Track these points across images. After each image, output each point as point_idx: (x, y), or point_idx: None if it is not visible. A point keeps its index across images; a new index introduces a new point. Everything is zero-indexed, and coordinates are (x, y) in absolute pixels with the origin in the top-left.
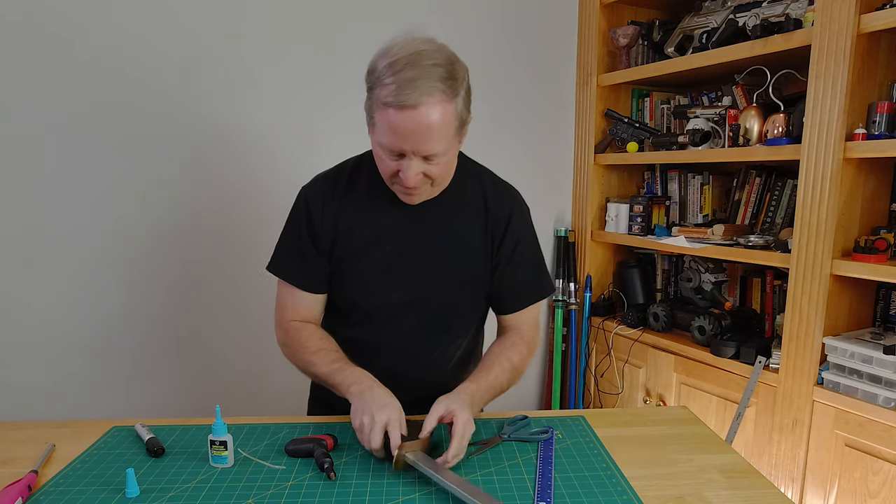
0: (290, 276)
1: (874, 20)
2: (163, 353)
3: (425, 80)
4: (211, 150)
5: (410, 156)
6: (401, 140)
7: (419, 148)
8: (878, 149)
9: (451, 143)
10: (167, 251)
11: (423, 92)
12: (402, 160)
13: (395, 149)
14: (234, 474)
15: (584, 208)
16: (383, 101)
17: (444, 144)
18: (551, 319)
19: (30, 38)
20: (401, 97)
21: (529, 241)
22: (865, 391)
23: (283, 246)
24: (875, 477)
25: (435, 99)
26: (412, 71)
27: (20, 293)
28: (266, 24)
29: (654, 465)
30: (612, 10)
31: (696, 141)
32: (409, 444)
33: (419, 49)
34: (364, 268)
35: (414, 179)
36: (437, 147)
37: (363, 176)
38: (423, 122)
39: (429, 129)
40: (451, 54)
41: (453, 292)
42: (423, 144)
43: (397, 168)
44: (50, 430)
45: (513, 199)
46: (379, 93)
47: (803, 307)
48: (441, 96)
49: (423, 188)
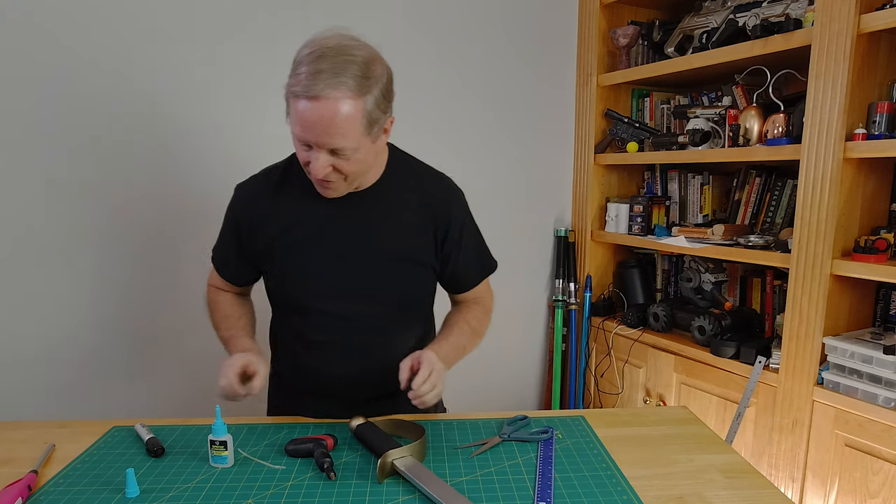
0: (219, 267)
1: (874, 20)
2: (163, 353)
3: (334, 74)
4: (210, 147)
5: (316, 148)
6: (305, 131)
7: (322, 140)
8: (878, 149)
9: (359, 140)
10: (167, 250)
11: (329, 85)
12: (310, 152)
13: (302, 139)
14: (234, 474)
15: (584, 208)
16: (292, 89)
17: (351, 141)
18: (551, 319)
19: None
20: (307, 88)
21: (471, 224)
22: (865, 391)
23: (219, 236)
24: (875, 477)
25: (340, 93)
26: (324, 63)
27: (20, 293)
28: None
29: (654, 465)
30: (612, 10)
31: (696, 141)
32: (395, 451)
33: (338, 44)
34: (303, 265)
35: (321, 171)
36: (342, 142)
37: (294, 174)
38: (326, 114)
39: (331, 123)
40: (372, 53)
41: (396, 283)
42: (326, 137)
43: (308, 159)
44: (50, 430)
45: (448, 187)
46: (290, 81)
47: (803, 307)
48: (347, 92)
49: (337, 182)
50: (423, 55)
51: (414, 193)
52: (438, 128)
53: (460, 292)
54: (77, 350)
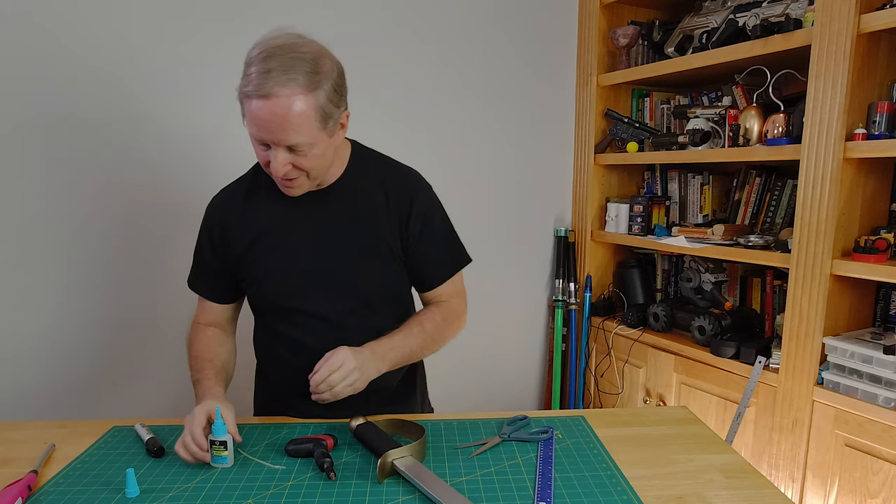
0: (198, 289)
1: (874, 20)
2: (163, 353)
3: (282, 71)
4: (201, 144)
5: (274, 146)
6: (261, 130)
7: (278, 138)
8: (878, 149)
9: (315, 135)
10: (167, 250)
11: (278, 83)
12: (269, 151)
13: (259, 138)
14: (234, 474)
15: (584, 208)
16: (243, 90)
17: (306, 136)
18: (551, 319)
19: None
20: (258, 87)
21: (438, 215)
22: (865, 391)
23: (195, 258)
24: (875, 477)
25: (289, 90)
26: (272, 62)
27: (20, 293)
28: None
29: (654, 465)
30: (612, 10)
31: (696, 141)
32: (395, 451)
33: (286, 42)
34: (277, 267)
35: (282, 170)
36: (297, 138)
37: (261, 180)
38: (278, 111)
39: (284, 119)
40: (320, 49)
41: (368, 278)
42: (281, 134)
43: (267, 158)
44: (50, 430)
45: (413, 179)
46: (243, 83)
47: (803, 307)
48: (297, 88)
49: (299, 180)
50: (422, 55)
51: (377, 187)
52: (438, 128)
53: (429, 288)
54: (77, 350)
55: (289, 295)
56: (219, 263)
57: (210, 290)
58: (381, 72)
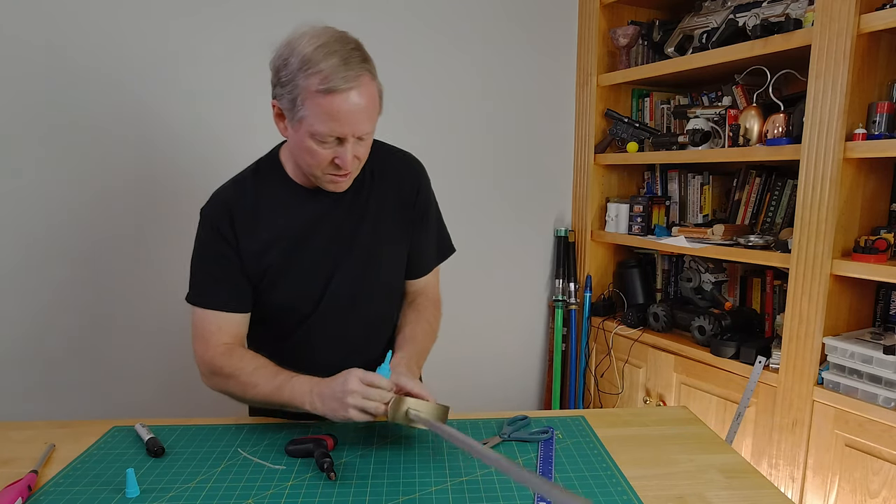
0: (214, 302)
1: (874, 20)
2: (163, 353)
3: (352, 63)
4: (200, 144)
5: (349, 138)
6: (339, 125)
7: (357, 129)
8: (878, 149)
9: (374, 124)
10: (168, 250)
11: (355, 74)
12: (339, 146)
13: (333, 134)
14: (234, 474)
15: (584, 208)
16: (315, 89)
17: (374, 123)
18: (551, 319)
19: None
20: (336, 82)
21: (434, 203)
22: (865, 391)
23: (199, 271)
24: (875, 477)
25: (365, 80)
26: (337, 56)
27: (20, 293)
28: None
29: (654, 465)
30: (612, 10)
31: (696, 141)
32: (414, 401)
33: (333, 36)
34: (296, 270)
35: (352, 162)
36: (371, 126)
37: (268, 181)
38: (359, 102)
39: (364, 110)
40: (355, 38)
41: (385, 270)
42: (359, 125)
43: (332, 156)
44: (50, 430)
45: (416, 166)
46: (305, 82)
47: (803, 307)
48: (368, 76)
49: (354, 171)
50: (422, 55)
51: (385, 172)
52: (438, 128)
53: (418, 276)
54: (77, 350)
55: (306, 298)
56: (238, 269)
57: (231, 298)
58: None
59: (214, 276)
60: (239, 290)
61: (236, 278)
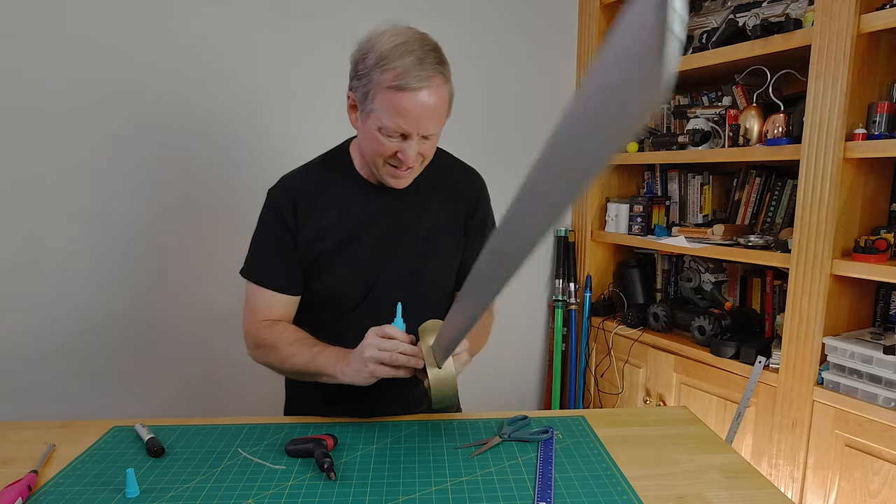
0: (268, 280)
1: (874, 20)
2: (163, 353)
3: (426, 64)
4: (204, 143)
5: (413, 136)
6: (405, 122)
7: (422, 128)
8: (878, 149)
9: (441, 126)
10: (167, 250)
11: (427, 75)
12: (403, 142)
13: (399, 130)
14: (234, 474)
15: (583, 208)
16: (387, 84)
17: (441, 124)
18: (551, 319)
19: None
20: (408, 80)
21: (492, 222)
22: (865, 391)
23: (257, 249)
24: (875, 477)
25: (437, 81)
26: (412, 56)
27: (20, 293)
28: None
29: (654, 465)
30: (612, 10)
31: (696, 141)
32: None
33: (412, 36)
34: (347, 261)
35: (415, 159)
36: (437, 127)
37: (334, 171)
38: (428, 102)
39: (432, 110)
40: (434, 40)
41: (434, 273)
42: (425, 124)
43: (396, 149)
44: (50, 430)
45: (479, 181)
46: (380, 77)
47: (803, 307)
48: (441, 79)
49: (416, 168)
50: None
51: (446, 181)
52: None
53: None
54: (77, 350)
55: (354, 290)
56: (293, 251)
57: (284, 279)
58: None
59: (271, 256)
60: (292, 274)
61: (291, 262)
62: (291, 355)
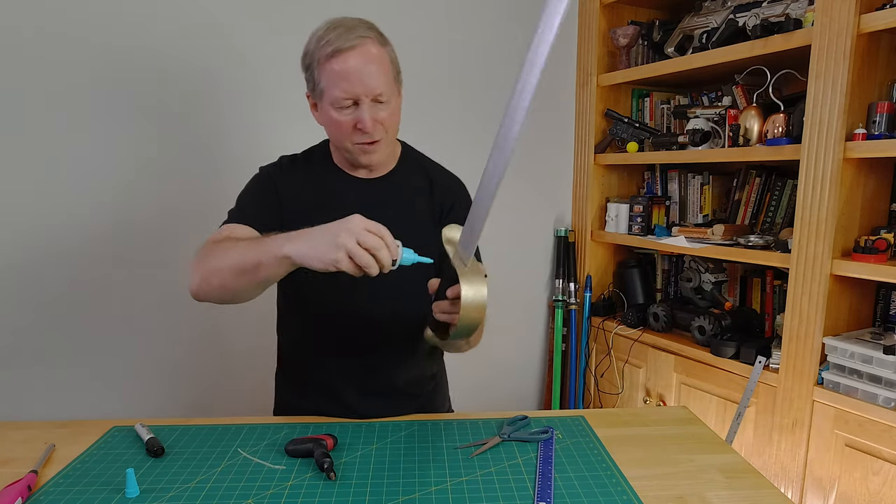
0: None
1: (874, 20)
2: (163, 353)
3: (357, 29)
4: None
5: (363, 99)
6: (348, 83)
7: (367, 86)
8: (878, 149)
9: (392, 87)
10: (166, 249)
11: (358, 35)
12: (358, 111)
13: (346, 95)
14: (234, 474)
15: (584, 208)
16: (326, 55)
17: (387, 84)
18: (551, 319)
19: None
20: (340, 44)
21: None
22: (865, 391)
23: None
24: (875, 477)
25: (370, 42)
26: (343, 27)
27: (20, 293)
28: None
29: (654, 465)
30: (612, 10)
31: (696, 141)
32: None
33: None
34: None
35: (372, 123)
36: (383, 84)
37: (316, 162)
38: (367, 56)
39: (371, 68)
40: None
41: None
42: (368, 82)
43: (354, 121)
44: (50, 430)
45: (459, 183)
46: (319, 55)
47: (803, 307)
48: (374, 41)
49: (381, 142)
50: (420, 55)
51: (424, 183)
52: (437, 128)
53: None
54: (77, 350)
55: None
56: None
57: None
58: None
59: (245, 207)
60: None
61: (273, 213)
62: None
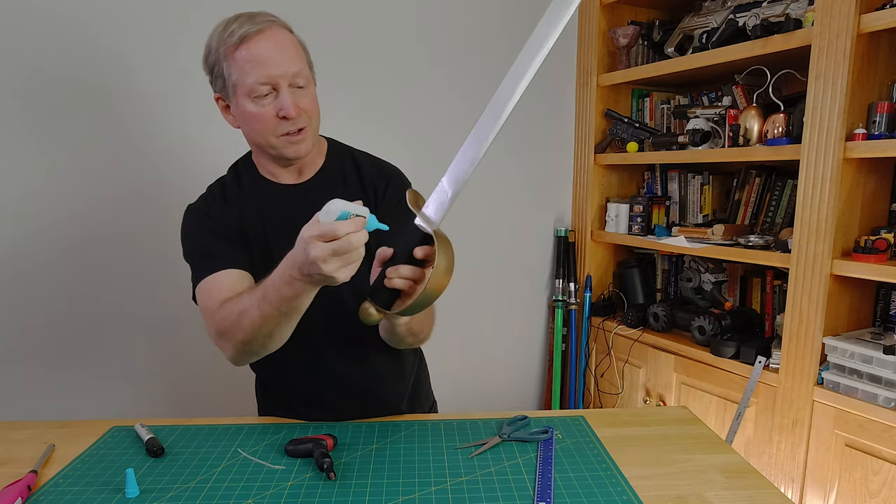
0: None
1: (874, 20)
2: (163, 353)
3: (260, 15)
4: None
5: (281, 84)
6: (262, 68)
7: (281, 68)
8: (878, 149)
9: (307, 71)
10: (165, 249)
11: (265, 20)
12: (278, 98)
13: (261, 81)
14: (233, 474)
15: (584, 208)
16: (233, 44)
17: (301, 66)
18: (551, 319)
19: None
20: (248, 28)
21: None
22: (865, 391)
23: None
24: (875, 477)
25: (277, 25)
26: (245, 15)
27: (20, 293)
28: None
29: (654, 465)
30: (612, 10)
31: (696, 141)
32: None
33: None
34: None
35: (294, 109)
36: (297, 65)
37: (244, 179)
38: (276, 38)
39: (282, 48)
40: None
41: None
42: (282, 64)
43: (275, 109)
44: (50, 430)
45: (391, 169)
46: (224, 48)
47: (803, 307)
48: (279, 25)
49: (306, 131)
50: (420, 55)
51: (353, 173)
52: (437, 128)
53: None
54: (77, 350)
55: None
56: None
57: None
58: (377, 71)
59: (207, 248)
60: (232, 251)
61: (225, 243)
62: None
